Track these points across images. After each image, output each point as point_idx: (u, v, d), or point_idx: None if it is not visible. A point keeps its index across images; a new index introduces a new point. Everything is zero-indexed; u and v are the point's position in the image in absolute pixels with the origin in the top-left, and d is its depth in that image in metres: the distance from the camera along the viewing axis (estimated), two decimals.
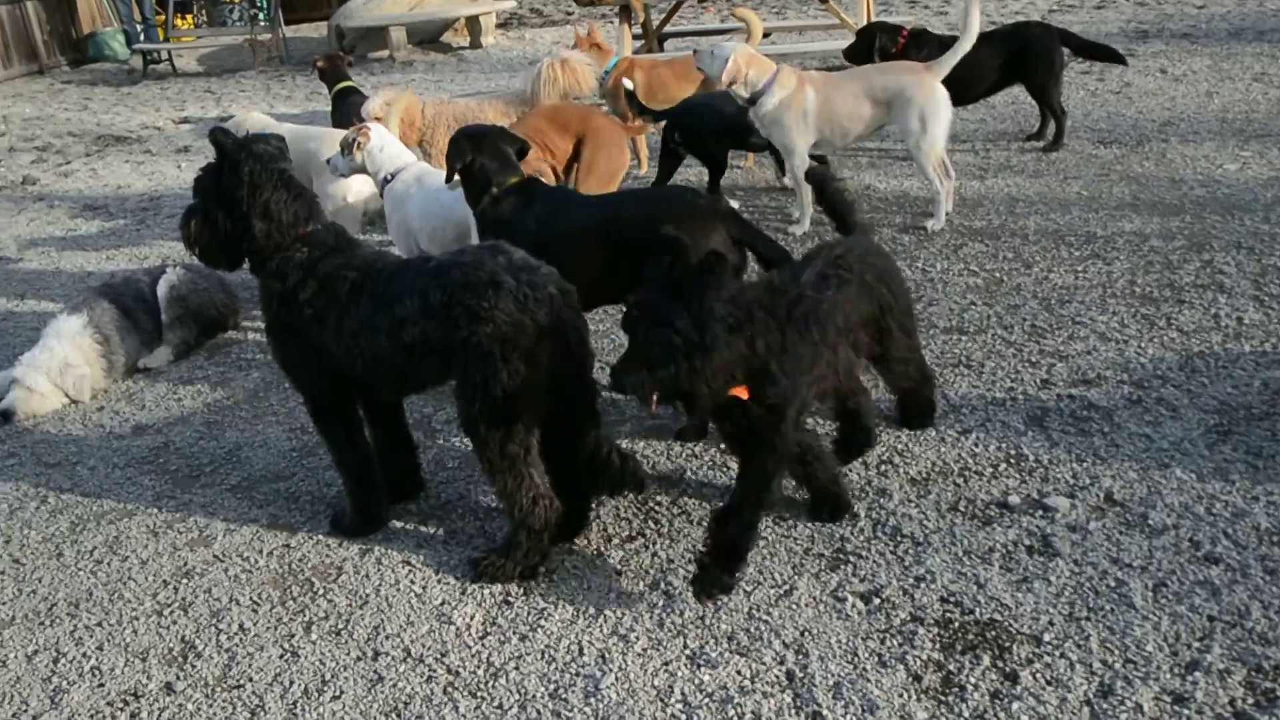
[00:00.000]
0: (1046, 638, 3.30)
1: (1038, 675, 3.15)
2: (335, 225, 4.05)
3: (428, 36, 16.82)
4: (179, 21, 18.89)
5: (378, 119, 6.82)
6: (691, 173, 8.35)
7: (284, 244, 3.94)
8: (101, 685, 3.57)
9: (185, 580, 4.09)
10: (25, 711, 3.49)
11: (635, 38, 11.72)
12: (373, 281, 3.83)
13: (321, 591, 3.91)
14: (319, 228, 3.99)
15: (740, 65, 6.48)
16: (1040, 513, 3.91)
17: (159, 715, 3.40)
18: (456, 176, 4.86)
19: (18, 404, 5.57)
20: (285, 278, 3.93)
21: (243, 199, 3.91)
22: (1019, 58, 7.78)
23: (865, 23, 10.78)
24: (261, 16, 18.40)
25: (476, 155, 4.80)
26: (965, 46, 6.50)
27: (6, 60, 18.18)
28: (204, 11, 19.73)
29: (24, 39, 18.50)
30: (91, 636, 3.82)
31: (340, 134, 6.50)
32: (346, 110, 8.32)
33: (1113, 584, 3.50)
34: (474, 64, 15.27)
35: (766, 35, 13.47)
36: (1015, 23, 8.16)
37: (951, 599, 3.51)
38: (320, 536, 4.25)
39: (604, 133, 6.61)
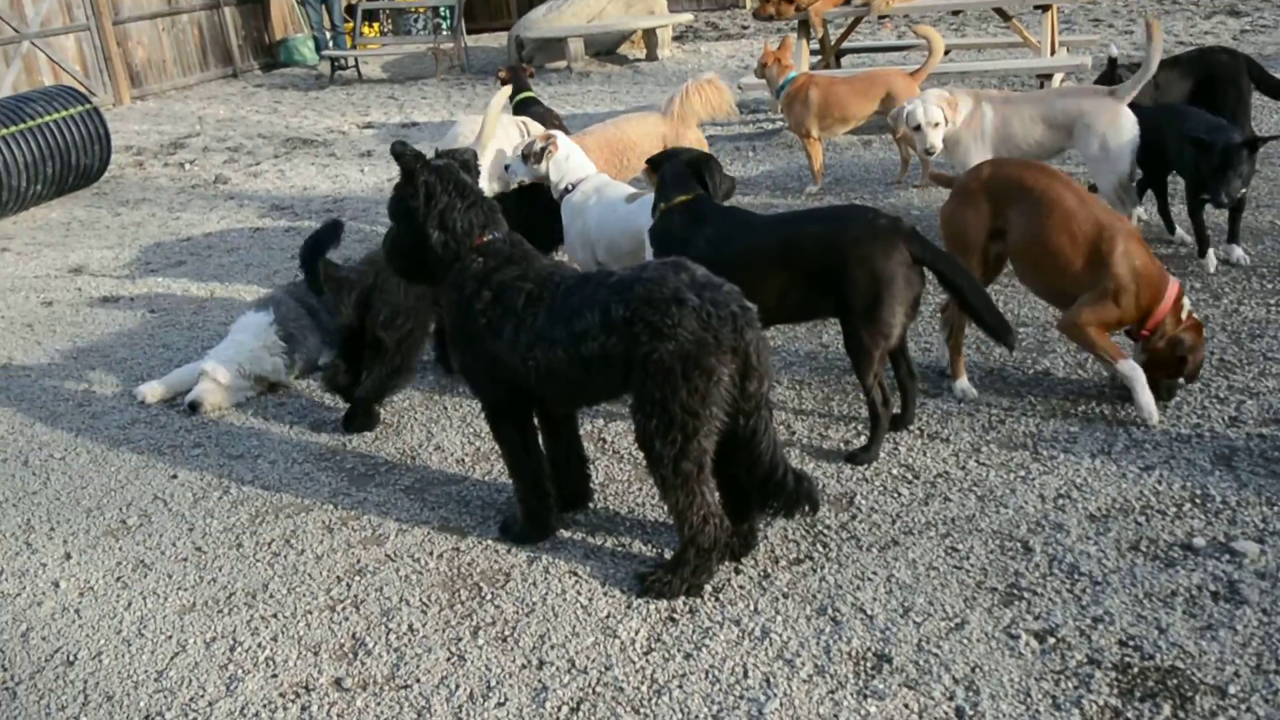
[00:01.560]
0: (1232, 689, 3.16)
1: None
2: (514, 235, 4.11)
3: (605, 48, 16.99)
4: (366, 29, 19.47)
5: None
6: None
7: (460, 253, 4.02)
8: (275, 676, 3.68)
9: (358, 577, 4.19)
10: (202, 697, 3.61)
11: (813, 53, 11.66)
12: (551, 294, 3.88)
13: (489, 597, 3.97)
14: (496, 237, 4.05)
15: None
16: (1227, 557, 3.75)
17: (328, 710, 3.49)
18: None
19: (205, 396, 5.79)
20: (462, 288, 4.02)
21: (419, 210, 4.01)
22: (1207, 85, 7.48)
23: (1049, 41, 10.56)
24: (445, 26, 18.84)
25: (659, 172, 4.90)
26: (1150, 72, 6.28)
27: (203, 63, 18.99)
28: (390, 20, 20.31)
29: (220, 43, 19.30)
30: (267, 627, 3.94)
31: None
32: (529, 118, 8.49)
33: None
34: (649, 76, 15.37)
35: (946, 53, 13.30)
36: (1201, 48, 7.85)
37: (1131, 642, 3.39)
38: (490, 542, 4.31)
39: None
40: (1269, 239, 6.61)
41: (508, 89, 7.48)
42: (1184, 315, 4.62)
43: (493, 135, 6.68)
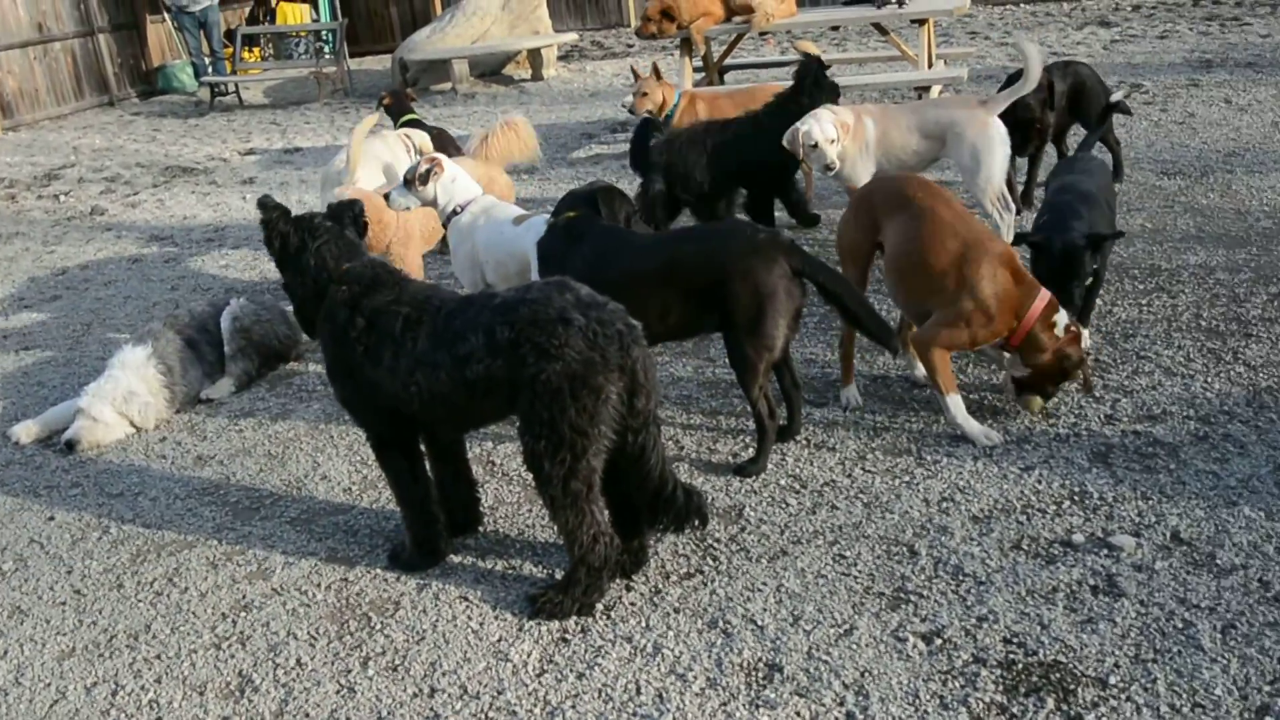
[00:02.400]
0: (1112, 680, 3.24)
1: (1103, 719, 3.10)
2: (376, 261, 4.13)
3: (490, 69, 16.95)
4: (246, 54, 19.18)
5: None
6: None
7: (323, 288, 4.08)
8: (160, 719, 3.59)
9: (244, 613, 4.11)
10: None
11: (696, 70, 11.75)
12: (431, 317, 3.86)
13: (379, 626, 3.92)
14: (356, 264, 4.07)
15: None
16: (1105, 552, 3.84)
17: None
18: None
19: (82, 434, 5.65)
20: (335, 318, 4.03)
21: (279, 259, 4.19)
22: (1076, 95, 7.68)
23: (927, 54, 10.77)
24: (327, 49, 18.65)
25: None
26: (1028, 86, 6.45)
27: (78, 92, 18.54)
28: (270, 45, 20.04)
29: (95, 71, 18.87)
30: (150, 669, 3.85)
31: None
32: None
33: (1180, 625, 3.43)
34: (535, 96, 15.36)
35: (828, 68, 13.49)
36: (1066, 60, 8.07)
37: (1015, 640, 3.46)
38: (379, 570, 4.26)
39: None
40: (1140, 241, 6.80)
41: (372, 118, 7.43)
42: (1060, 327, 4.63)
43: (358, 165, 6.63)
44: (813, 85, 7.09)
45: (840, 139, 6.41)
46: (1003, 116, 6.56)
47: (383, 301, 3.95)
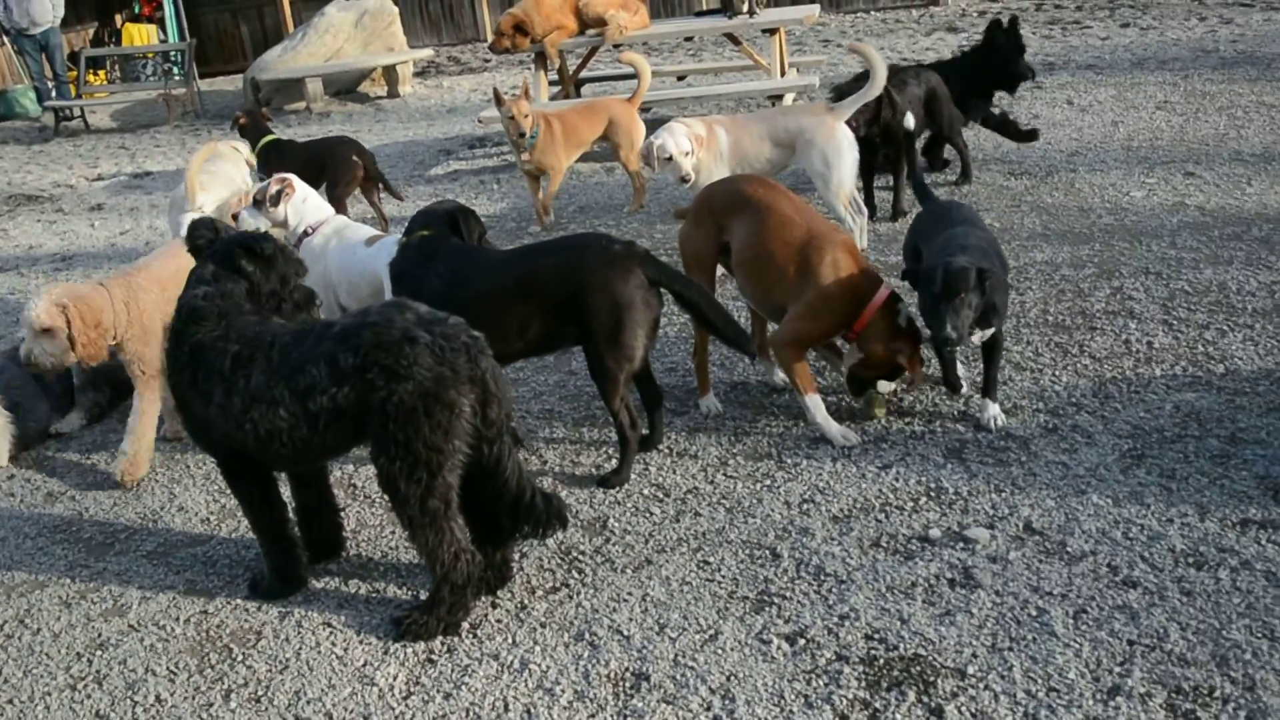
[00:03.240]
0: (970, 670, 3.31)
1: (963, 708, 3.17)
2: (219, 291, 3.98)
3: (344, 87, 16.75)
4: (91, 77, 18.64)
5: None
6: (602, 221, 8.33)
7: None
8: None
9: (100, 652, 3.99)
10: None
11: (552, 84, 11.76)
12: (264, 352, 3.76)
13: (240, 658, 3.84)
14: (191, 294, 3.98)
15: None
16: (961, 545, 3.93)
17: None
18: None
19: None
20: (168, 352, 3.99)
21: None
22: (928, 104, 7.87)
23: (778, 63, 10.93)
24: (175, 71, 18.25)
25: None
26: (874, 91, 6.60)
27: None
28: (117, 67, 19.51)
29: None
30: (2, 715, 3.71)
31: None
32: (275, 164, 8.27)
33: (1034, 613, 3.53)
34: (391, 113, 15.22)
35: (681, 78, 13.62)
36: (918, 65, 8.28)
37: (876, 636, 3.52)
38: (239, 601, 4.17)
39: None
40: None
41: (210, 146, 7.26)
42: (902, 320, 4.72)
43: (196, 193, 6.51)
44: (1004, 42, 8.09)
45: (695, 151, 6.46)
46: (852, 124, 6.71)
47: (209, 336, 3.84)
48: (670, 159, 6.42)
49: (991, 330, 4.68)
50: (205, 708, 3.60)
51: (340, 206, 7.87)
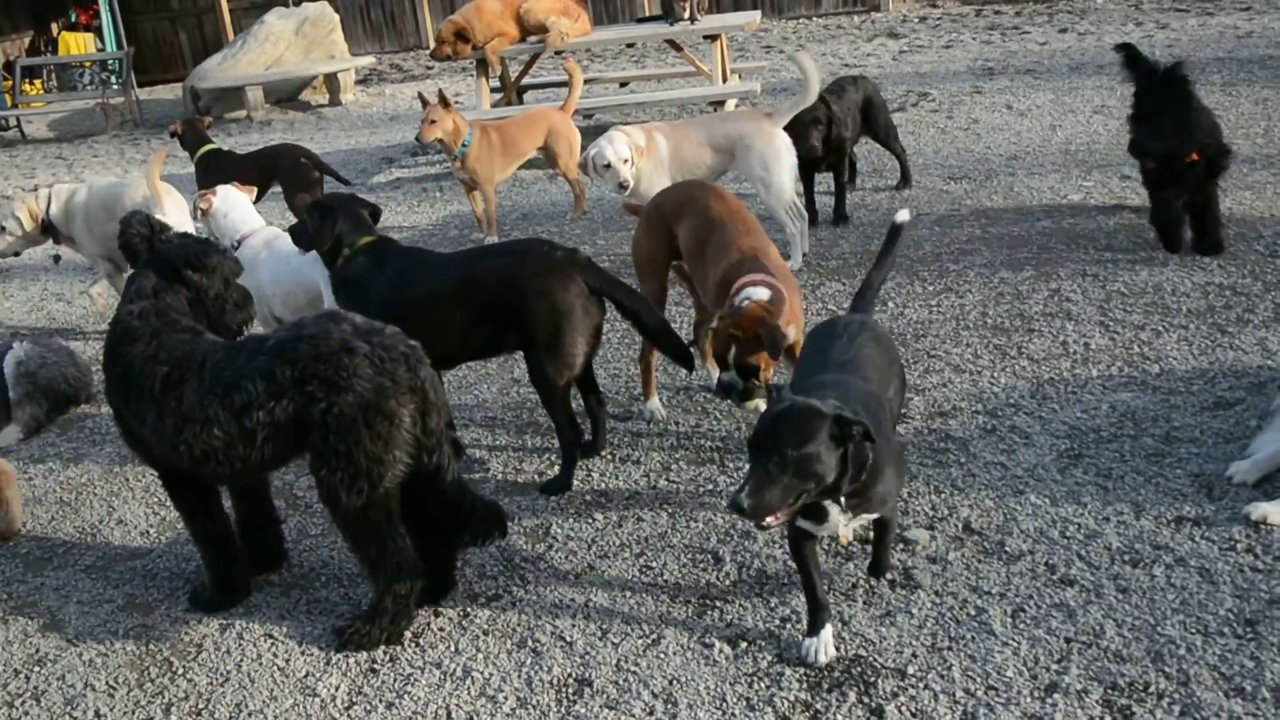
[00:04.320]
0: (910, 670, 3.34)
1: (903, 708, 3.19)
2: (154, 307, 3.90)
3: (286, 95, 16.64)
4: (27, 87, 18.38)
5: None
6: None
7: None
8: None
9: (37, 668, 3.94)
10: None
11: (494, 90, 11.75)
12: (196, 372, 3.71)
13: (181, 670, 3.80)
14: (126, 309, 3.93)
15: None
16: (901, 545, 3.96)
17: None
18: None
19: None
20: (105, 369, 3.97)
21: None
22: (865, 111, 7.93)
23: (720, 69, 10.98)
24: (114, 80, 18.05)
25: (327, 220, 4.77)
26: (809, 99, 6.67)
27: None
28: (53, 76, 19.26)
29: None
30: None
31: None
32: (215, 173, 8.18)
33: (973, 612, 3.56)
34: (334, 121, 15.15)
35: (624, 85, 13.65)
36: (839, 78, 8.34)
37: None
38: (179, 614, 4.13)
39: None
40: (928, 244, 7.04)
41: (161, 153, 7.20)
42: (746, 300, 4.45)
43: (163, 197, 6.46)
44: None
45: (634, 159, 6.49)
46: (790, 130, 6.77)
47: (139, 355, 3.80)
48: (609, 166, 6.44)
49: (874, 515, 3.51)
50: None
51: (297, 212, 7.81)
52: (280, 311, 5.60)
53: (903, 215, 4.21)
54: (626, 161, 6.46)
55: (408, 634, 3.79)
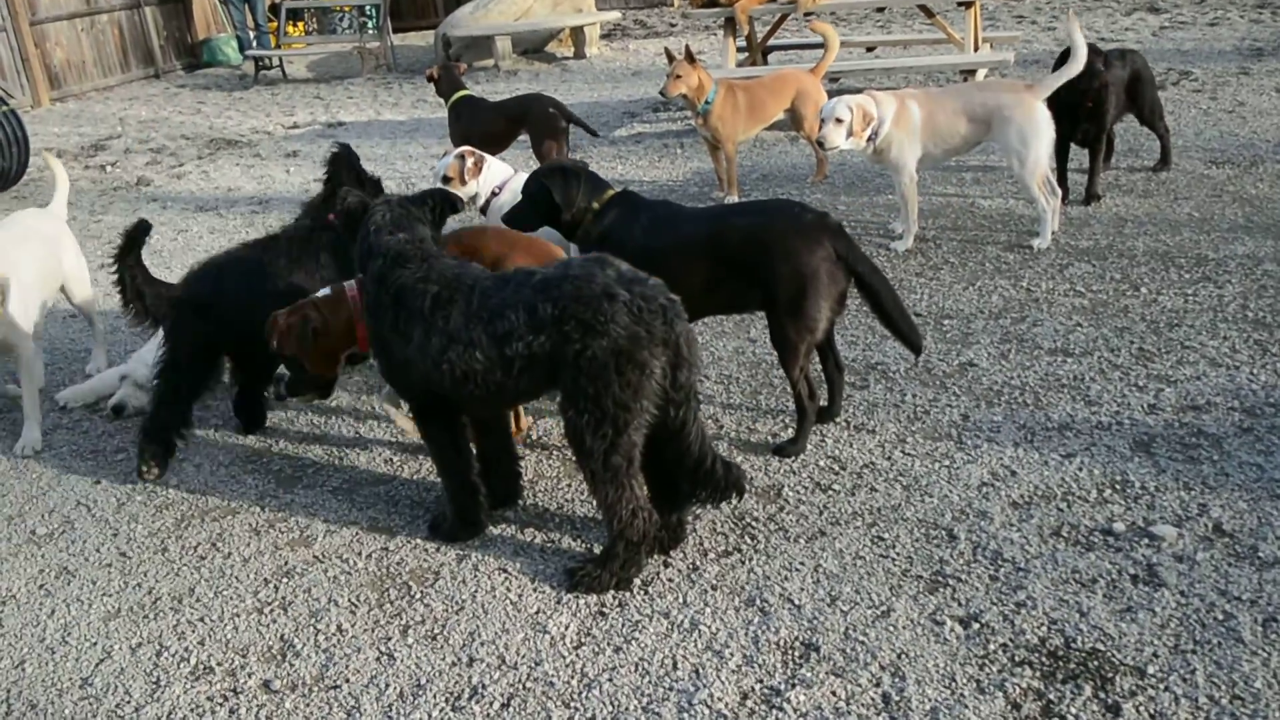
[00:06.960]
0: (1151, 670, 3.23)
1: (1141, 708, 3.09)
2: (417, 234, 4.13)
3: (533, 46, 16.97)
4: (290, 29, 19.22)
5: None
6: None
7: (368, 262, 4.14)
8: (201, 680, 3.64)
9: (285, 579, 4.16)
10: (128, 703, 3.56)
11: (740, 50, 11.72)
12: (464, 295, 3.86)
13: (418, 595, 3.96)
14: (394, 237, 4.09)
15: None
16: (1146, 541, 3.82)
17: (257, 712, 3.46)
18: None
19: (129, 400, 5.70)
20: (370, 291, 4.11)
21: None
22: (1131, 87, 7.61)
23: (972, 37, 10.70)
24: (370, 25, 18.70)
25: (570, 180, 4.83)
26: (1074, 69, 6.43)
27: (124, 64, 18.70)
28: (314, 19, 20.08)
29: (141, 43, 19.02)
30: (194, 631, 3.90)
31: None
32: (466, 119, 8.42)
33: (1220, 617, 3.41)
34: (577, 74, 15.37)
35: (870, 50, 13.44)
36: (1121, 48, 8.00)
37: (1053, 626, 3.45)
38: (419, 540, 4.30)
39: None
40: (1186, 230, 6.74)
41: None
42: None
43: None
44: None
45: (856, 124, 6.40)
46: (1051, 102, 6.54)
47: (411, 278, 3.95)
48: (823, 123, 6.42)
49: None
50: (383, 640, 3.73)
51: (544, 159, 7.98)
52: None
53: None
54: (840, 122, 6.38)
55: (637, 582, 3.85)
